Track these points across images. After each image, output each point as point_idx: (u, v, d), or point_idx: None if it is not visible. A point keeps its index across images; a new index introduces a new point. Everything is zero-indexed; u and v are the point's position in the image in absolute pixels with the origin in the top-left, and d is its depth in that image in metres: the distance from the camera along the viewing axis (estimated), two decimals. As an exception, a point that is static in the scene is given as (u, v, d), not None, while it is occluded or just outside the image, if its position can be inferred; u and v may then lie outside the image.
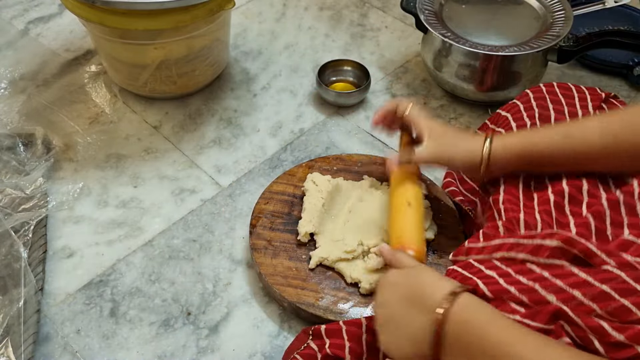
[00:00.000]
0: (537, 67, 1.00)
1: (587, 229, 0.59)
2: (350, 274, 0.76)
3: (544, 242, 0.56)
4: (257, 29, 1.23)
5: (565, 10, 0.99)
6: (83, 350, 0.74)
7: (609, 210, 0.60)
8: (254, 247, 0.80)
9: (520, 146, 0.66)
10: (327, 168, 0.90)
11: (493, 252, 0.60)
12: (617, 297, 0.49)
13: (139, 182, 0.93)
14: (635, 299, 0.48)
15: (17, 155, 0.92)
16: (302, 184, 0.87)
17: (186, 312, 0.78)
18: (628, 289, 0.49)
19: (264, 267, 0.77)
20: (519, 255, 0.57)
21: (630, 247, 0.54)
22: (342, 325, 0.65)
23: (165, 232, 0.87)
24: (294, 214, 0.84)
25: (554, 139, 0.64)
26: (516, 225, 0.63)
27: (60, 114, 1.02)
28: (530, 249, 0.57)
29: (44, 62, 1.13)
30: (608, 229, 0.59)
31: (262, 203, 0.85)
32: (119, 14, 0.87)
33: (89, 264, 0.83)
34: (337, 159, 0.92)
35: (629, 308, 0.48)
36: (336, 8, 1.29)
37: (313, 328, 0.67)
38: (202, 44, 0.98)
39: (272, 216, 0.83)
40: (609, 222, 0.59)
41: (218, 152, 0.98)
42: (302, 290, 0.75)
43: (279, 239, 0.81)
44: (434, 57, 1.05)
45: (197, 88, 1.07)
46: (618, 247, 0.55)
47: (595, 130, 0.62)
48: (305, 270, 0.78)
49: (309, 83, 1.11)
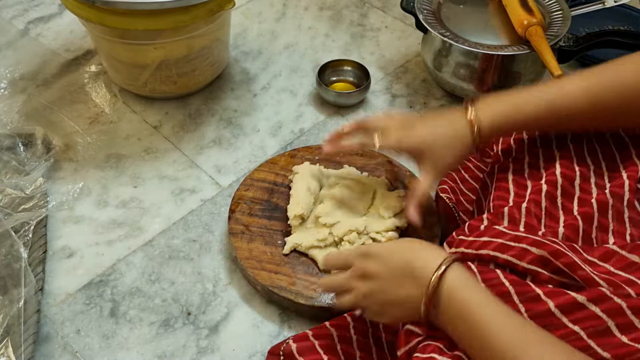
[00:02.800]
0: (537, 67, 1.00)
1: (575, 231, 0.59)
2: None
3: (530, 248, 0.57)
4: (257, 29, 1.23)
5: (562, 11, 0.99)
6: (83, 350, 0.74)
7: (597, 214, 0.60)
8: (231, 231, 0.81)
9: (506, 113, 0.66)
10: (309, 157, 0.91)
11: (480, 248, 0.60)
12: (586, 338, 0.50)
13: (139, 182, 0.93)
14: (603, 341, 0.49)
15: (17, 155, 0.92)
16: (283, 172, 0.88)
17: (186, 312, 0.78)
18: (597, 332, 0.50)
19: (240, 251, 0.79)
20: (502, 256, 0.58)
21: (612, 258, 0.55)
22: (313, 340, 0.66)
23: (165, 232, 0.87)
24: (273, 200, 0.86)
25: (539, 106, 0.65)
26: (500, 218, 0.63)
27: (60, 114, 1.02)
28: (516, 252, 0.57)
29: (44, 62, 1.13)
30: (594, 232, 0.60)
31: (243, 190, 0.87)
32: (119, 14, 0.87)
33: (89, 264, 0.83)
34: (319, 148, 0.93)
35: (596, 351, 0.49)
36: (336, 8, 1.29)
37: (283, 348, 0.66)
38: (202, 44, 0.98)
39: (252, 202, 0.85)
40: (595, 226, 0.60)
41: (218, 152, 0.98)
42: (276, 275, 0.77)
43: (257, 225, 0.83)
44: (433, 57, 1.05)
45: (197, 88, 1.07)
46: (601, 258, 0.55)
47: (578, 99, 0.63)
48: (279, 255, 0.79)
49: (309, 83, 1.11)
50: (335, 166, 0.90)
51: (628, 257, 0.55)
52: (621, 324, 0.49)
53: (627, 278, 0.53)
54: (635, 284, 0.52)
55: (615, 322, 0.50)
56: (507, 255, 0.57)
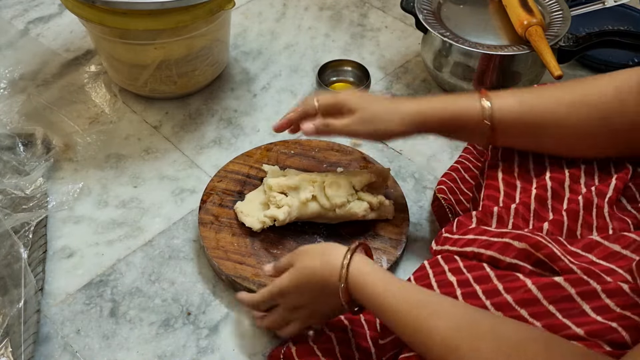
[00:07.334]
0: (536, 67, 1.00)
1: (559, 228, 0.60)
2: None
3: (512, 242, 0.58)
4: (257, 29, 1.23)
5: (562, 11, 0.99)
6: (83, 350, 0.74)
7: (582, 211, 0.61)
8: (201, 221, 0.82)
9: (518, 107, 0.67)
10: (284, 152, 0.92)
11: (465, 246, 0.61)
12: (560, 317, 0.51)
13: (139, 182, 0.93)
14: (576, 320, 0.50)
15: (17, 155, 0.92)
16: (257, 165, 0.89)
17: (186, 312, 0.78)
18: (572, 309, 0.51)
19: (207, 240, 0.80)
20: (487, 252, 0.59)
21: (595, 248, 0.56)
22: (312, 344, 0.68)
23: (165, 232, 0.87)
24: (245, 192, 0.86)
25: None
26: (489, 217, 0.63)
27: (60, 114, 1.02)
28: (499, 247, 0.58)
29: (44, 62, 1.13)
30: (579, 230, 0.61)
31: (216, 181, 0.88)
32: (119, 14, 0.87)
33: (89, 264, 0.83)
34: (295, 143, 0.93)
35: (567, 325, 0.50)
36: (336, 8, 1.29)
37: (283, 351, 0.69)
38: (202, 44, 0.98)
39: (223, 193, 0.86)
40: (580, 223, 0.61)
41: (218, 152, 0.98)
42: (240, 265, 0.78)
43: (226, 215, 0.83)
44: (433, 57, 1.05)
45: (197, 88, 1.07)
46: (584, 248, 0.56)
47: None
48: (246, 246, 0.80)
49: (309, 83, 1.11)
50: (309, 161, 0.91)
51: (610, 247, 0.55)
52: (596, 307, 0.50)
53: (608, 267, 0.53)
54: (616, 273, 0.52)
55: (590, 306, 0.50)
56: (491, 252, 0.58)
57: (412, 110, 0.69)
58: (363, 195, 0.80)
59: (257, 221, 0.79)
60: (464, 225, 0.65)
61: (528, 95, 0.67)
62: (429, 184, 0.93)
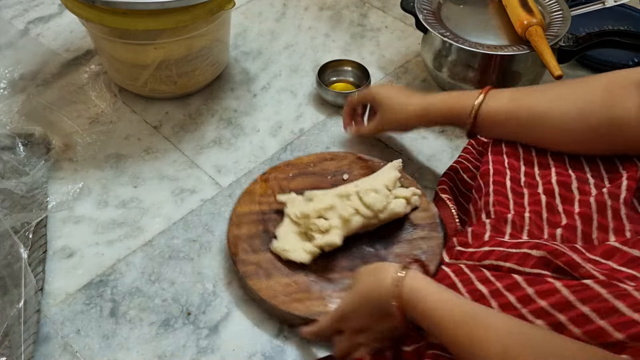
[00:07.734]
0: (536, 67, 1.00)
1: (574, 232, 0.60)
2: None
3: (530, 252, 0.57)
4: (257, 29, 1.23)
5: (562, 11, 0.99)
6: (83, 350, 0.74)
7: (596, 214, 0.61)
8: (245, 275, 0.76)
9: None
10: (283, 177, 0.88)
11: (482, 259, 0.61)
12: (598, 320, 0.50)
13: (139, 182, 0.93)
14: (613, 320, 0.49)
15: (17, 155, 0.92)
16: (265, 199, 0.85)
17: (186, 312, 0.78)
18: (607, 308, 0.50)
19: (263, 291, 0.75)
20: (506, 264, 0.59)
21: (614, 255, 0.55)
22: None
23: (165, 232, 0.87)
24: (270, 230, 0.81)
25: None
26: (504, 224, 0.63)
27: (60, 114, 1.02)
28: (517, 258, 0.58)
29: (44, 62, 1.13)
30: (594, 233, 0.60)
31: (234, 229, 0.81)
32: (119, 14, 0.87)
33: (89, 264, 0.83)
34: (288, 165, 0.90)
35: (607, 330, 0.49)
36: (336, 8, 1.29)
37: None
38: (202, 44, 0.98)
39: (249, 239, 0.81)
40: (595, 227, 0.60)
41: (218, 152, 0.98)
42: (310, 302, 0.74)
43: (266, 260, 0.78)
44: (433, 57, 1.05)
45: (197, 88, 1.07)
46: (603, 255, 0.56)
47: None
48: (304, 282, 0.76)
49: (309, 83, 1.11)
50: (313, 178, 0.88)
51: (630, 252, 0.55)
52: (631, 304, 0.49)
53: (630, 274, 0.53)
54: (639, 279, 0.52)
55: (625, 303, 0.49)
56: (510, 263, 0.58)
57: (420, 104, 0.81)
58: (398, 192, 0.79)
59: (304, 253, 0.76)
60: (479, 237, 0.64)
61: (523, 91, 0.69)
62: (429, 183, 0.93)
